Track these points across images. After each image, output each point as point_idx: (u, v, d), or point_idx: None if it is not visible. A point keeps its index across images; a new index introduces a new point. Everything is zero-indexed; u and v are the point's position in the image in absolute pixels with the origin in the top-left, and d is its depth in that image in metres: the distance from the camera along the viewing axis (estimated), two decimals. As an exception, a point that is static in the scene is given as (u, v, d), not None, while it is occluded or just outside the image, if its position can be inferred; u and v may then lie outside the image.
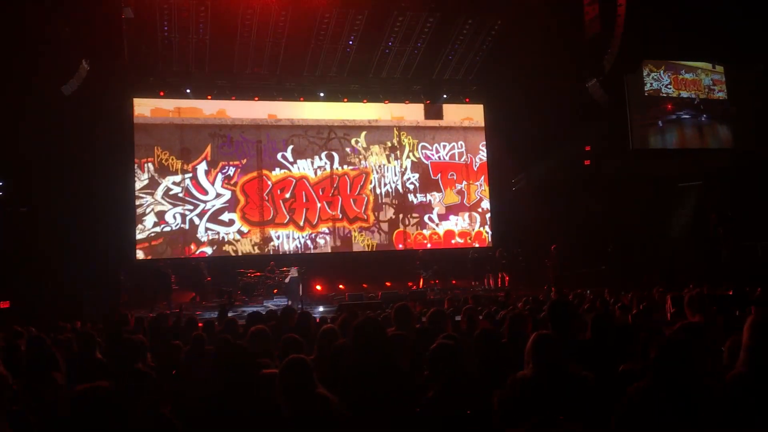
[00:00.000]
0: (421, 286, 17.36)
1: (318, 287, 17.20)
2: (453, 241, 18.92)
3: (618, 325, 4.86)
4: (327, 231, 18.08)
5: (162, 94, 17.18)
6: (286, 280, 15.26)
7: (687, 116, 17.52)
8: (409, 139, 18.96)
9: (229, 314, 9.35)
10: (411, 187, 18.86)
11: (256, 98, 17.88)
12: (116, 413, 2.75)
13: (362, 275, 17.43)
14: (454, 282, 18.06)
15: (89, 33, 13.72)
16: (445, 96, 19.03)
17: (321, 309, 14.32)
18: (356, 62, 17.48)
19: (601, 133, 17.02)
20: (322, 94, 18.10)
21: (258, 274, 16.48)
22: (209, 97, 17.48)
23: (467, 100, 19.42)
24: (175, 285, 15.40)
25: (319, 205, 18.06)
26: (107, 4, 13.44)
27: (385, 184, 18.67)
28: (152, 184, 16.96)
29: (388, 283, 17.19)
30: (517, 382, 3.34)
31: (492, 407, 3.33)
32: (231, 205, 17.38)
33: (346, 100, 18.50)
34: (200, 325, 7.46)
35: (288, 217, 17.77)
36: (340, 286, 17.35)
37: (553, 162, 17.78)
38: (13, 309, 12.42)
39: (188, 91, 17.17)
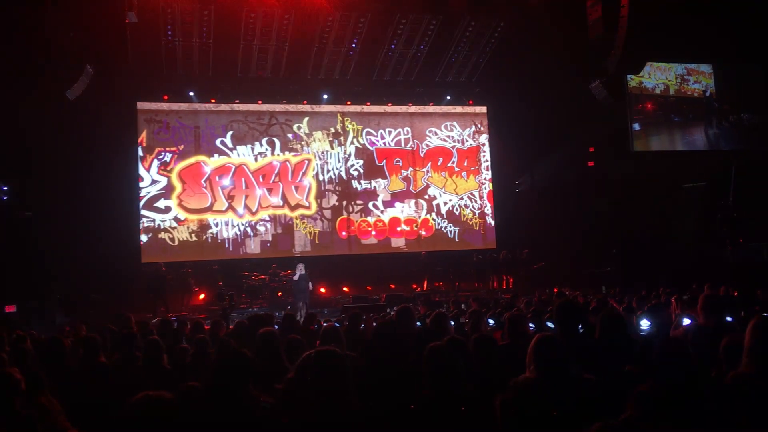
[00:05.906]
0: (425, 288, 17.35)
1: (322, 290, 17.19)
2: (398, 229, 18.55)
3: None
4: (267, 218, 17.70)
5: (166, 98, 17.23)
6: (295, 277, 15.06)
7: (676, 119, 17.47)
8: (353, 125, 18.60)
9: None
10: (355, 173, 18.46)
11: (260, 101, 17.93)
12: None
13: (366, 277, 17.43)
14: (458, 284, 18.03)
15: (93, 37, 13.72)
16: (448, 98, 19.03)
17: (325, 312, 14.30)
18: (359, 65, 17.49)
19: (604, 134, 17.00)
20: (325, 97, 18.13)
21: (262, 277, 16.47)
22: (213, 100, 17.53)
23: (470, 102, 19.41)
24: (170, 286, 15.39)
25: (259, 192, 17.65)
26: (111, 9, 13.43)
27: (328, 171, 18.27)
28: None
29: (392, 286, 17.17)
30: (519, 385, 3.32)
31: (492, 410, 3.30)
32: (167, 192, 17.01)
33: (349, 102, 18.54)
34: (206, 328, 7.51)
35: (227, 204, 17.41)
36: (345, 289, 17.36)
37: (556, 163, 17.76)
38: (19, 313, 12.45)
39: (192, 94, 17.22)
